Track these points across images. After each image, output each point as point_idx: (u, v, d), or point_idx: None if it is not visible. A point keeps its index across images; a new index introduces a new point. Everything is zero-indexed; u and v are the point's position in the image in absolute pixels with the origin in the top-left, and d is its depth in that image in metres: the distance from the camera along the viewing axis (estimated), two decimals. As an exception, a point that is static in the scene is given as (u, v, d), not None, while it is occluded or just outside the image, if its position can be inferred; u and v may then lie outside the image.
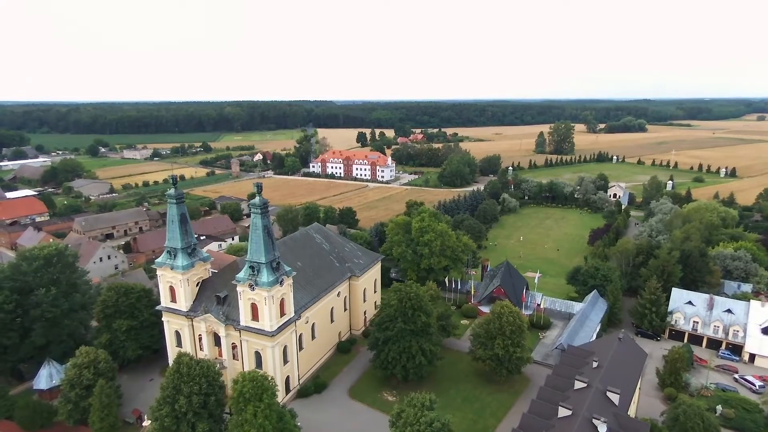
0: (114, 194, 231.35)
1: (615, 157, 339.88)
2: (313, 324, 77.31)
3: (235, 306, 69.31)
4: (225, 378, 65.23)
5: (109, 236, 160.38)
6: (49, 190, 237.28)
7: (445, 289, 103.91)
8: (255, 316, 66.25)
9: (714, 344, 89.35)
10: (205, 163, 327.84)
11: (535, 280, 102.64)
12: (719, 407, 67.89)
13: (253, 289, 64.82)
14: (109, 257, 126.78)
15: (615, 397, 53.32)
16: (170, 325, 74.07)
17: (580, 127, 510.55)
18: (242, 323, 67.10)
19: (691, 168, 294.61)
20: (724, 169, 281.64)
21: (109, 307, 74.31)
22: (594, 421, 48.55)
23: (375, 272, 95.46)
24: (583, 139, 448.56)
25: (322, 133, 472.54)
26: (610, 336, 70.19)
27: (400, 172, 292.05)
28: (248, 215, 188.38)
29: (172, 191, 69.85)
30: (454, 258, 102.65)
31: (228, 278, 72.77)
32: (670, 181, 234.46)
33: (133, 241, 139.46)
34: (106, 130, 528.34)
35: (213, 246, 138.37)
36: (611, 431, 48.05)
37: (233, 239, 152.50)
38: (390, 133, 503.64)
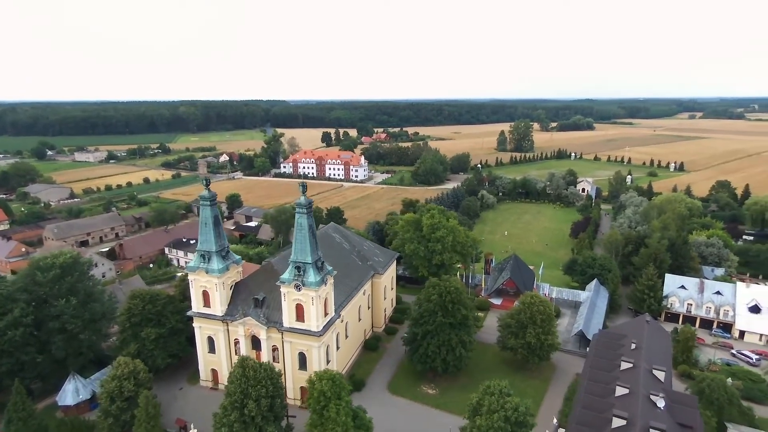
0: (75, 199, 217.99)
1: (573, 154, 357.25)
2: (347, 323, 77.53)
3: (275, 308, 68.51)
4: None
5: (84, 243, 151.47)
6: (1, 195, 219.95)
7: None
8: (300, 317, 65.81)
9: (706, 324, 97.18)
10: (168, 165, 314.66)
11: (539, 272, 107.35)
12: (729, 380, 74.19)
13: (300, 290, 64.37)
14: (96, 265, 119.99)
15: (661, 375, 57.66)
16: (202, 330, 72.02)
17: (534, 125, 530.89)
18: (286, 325, 66.43)
19: (644, 163, 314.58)
20: (673, 164, 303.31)
21: (135, 316, 71.21)
22: (652, 397, 52.44)
23: (392, 270, 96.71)
24: (540, 138, 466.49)
25: (282, 133, 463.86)
26: (637, 319, 75.07)
27: (372, 172, 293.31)
28: (228, 218, 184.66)
29: (205, 193, 68.18)
30: (463, 253, 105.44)
31: (262, 280, 71.91)
32: (629, 176, 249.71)
33: (118, 248, 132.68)
34: (49, 131, 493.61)
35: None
36: (668, 406, 52.06)
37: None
38: (352, 132, 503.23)
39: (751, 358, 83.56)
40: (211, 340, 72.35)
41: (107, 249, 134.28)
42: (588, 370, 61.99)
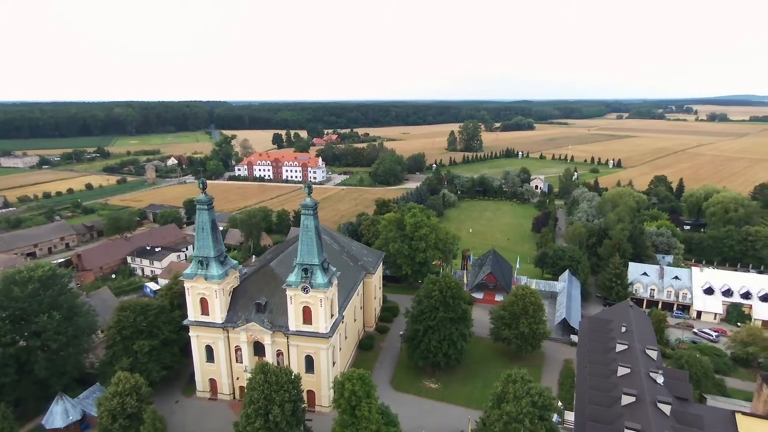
0: (11, 208, 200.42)
1: (520, 153, 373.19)
2: (345, 323, 77.47)
3: (278, 312, 67.46)
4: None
5: (31, 255, 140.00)
6: None
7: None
8: (307, 320, 65.19)
9: (666, 307, 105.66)
10: (110, 169, 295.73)
11: (516, 265, 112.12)
12: (697, 355, 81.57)
13: (307, 292, 63.79)
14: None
15: (654, 354, 62.49)
16: (200, 339, 69.39)
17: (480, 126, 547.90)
18: (293, 328, 65.57)
19: (585, 161, 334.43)
20: (611, 161, 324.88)
21: (127, 328, 67.48)
22: (651, 374, 56.92)
23: (380, 269, 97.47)
24: (486, 137, 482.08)
25: (234, 135, 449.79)
26: (620, 305, 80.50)
27: (330, 173, 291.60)
28: (189, 223, 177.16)
29: (202, 196, 65.93)
30: (444, 250, 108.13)
31: (262, 284, 70.58)
32: (576, 173, 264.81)
33: (75, 258, 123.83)
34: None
35: (172, 257, 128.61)
36: (666, 382, 56.74)
37: (187, 249, 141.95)
38: (302, 133, 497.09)
39: (711, 335, 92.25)
40: (209, 349, 69.85)
41: (63, 260, 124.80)
42: (586, 353, 65.90)
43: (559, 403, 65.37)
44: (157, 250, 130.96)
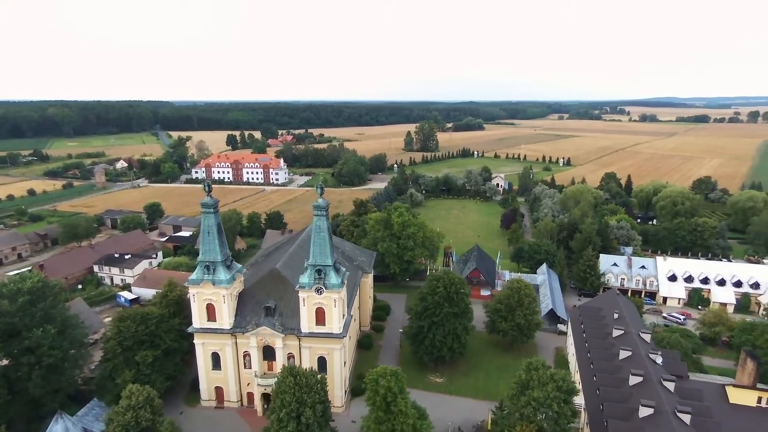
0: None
1: (475, 153, 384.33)
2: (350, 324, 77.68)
3: (288, 315, 66.89)
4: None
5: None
6: None
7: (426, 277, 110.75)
8: (320, 321, 65.09)
9: (635, 294, 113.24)
10: (53, 174, 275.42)
11: (497, 260, 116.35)
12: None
13: (321, 293, 63.72)
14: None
15: (647, 337, 67.68)
16: (206, 347, 67.39)
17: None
18: (305, 330, 65.24)
19: (537, 159, 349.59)
20: (561, 159, 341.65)
21: (128, 339, 64.41)
22: (651, 355, 61.65)
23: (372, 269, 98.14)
24: (439, 137, 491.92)
25: (189, 136, 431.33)
26: (606, 294, 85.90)
27: (292, 174, 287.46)
28: (153, 229, 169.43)
29: (208, 199, 64.16)
30: (430, 248, 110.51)
31: (270, 288, 69.56)
32: (531, 171, 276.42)
33: (38, 269, 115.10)
34: None
35: (144, 264, 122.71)
36: (663, 361, 61.65)
37: (155, 256, 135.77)
38: (256, 134, 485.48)
39: (680, 318, 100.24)
40: (215, 356, 67.97)
41: (26, 271, 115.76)
42: (585, 340, 70.16)
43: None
44: (126, 257, 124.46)
